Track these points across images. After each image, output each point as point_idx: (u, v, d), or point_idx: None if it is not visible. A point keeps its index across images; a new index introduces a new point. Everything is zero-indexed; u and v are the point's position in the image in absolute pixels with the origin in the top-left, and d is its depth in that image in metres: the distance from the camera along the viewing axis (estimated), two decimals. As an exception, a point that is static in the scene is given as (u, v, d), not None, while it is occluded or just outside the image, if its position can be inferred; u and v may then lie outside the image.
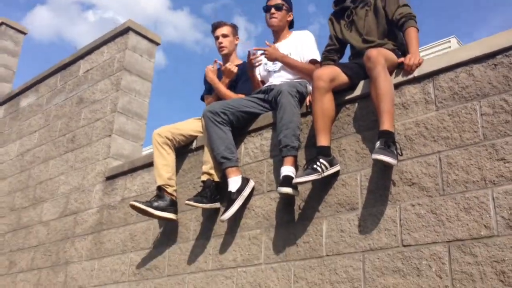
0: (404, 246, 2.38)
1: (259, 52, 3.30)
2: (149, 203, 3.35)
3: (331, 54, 3.15)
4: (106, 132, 4.45)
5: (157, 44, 5.00)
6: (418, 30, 2.80)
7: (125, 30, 4.80)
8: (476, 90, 2.43)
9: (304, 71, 3.22)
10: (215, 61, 3.78)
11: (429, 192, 2.40)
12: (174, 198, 3.44)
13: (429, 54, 12.43)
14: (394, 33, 2.95)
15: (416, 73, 2.66)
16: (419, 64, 2.64)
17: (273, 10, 3.46)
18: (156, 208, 3.34)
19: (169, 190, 3.43)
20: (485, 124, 2.35)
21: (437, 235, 2.29)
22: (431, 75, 2.61)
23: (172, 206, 3.41)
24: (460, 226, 2.24)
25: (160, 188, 3.43)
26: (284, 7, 3.49)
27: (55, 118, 5.15)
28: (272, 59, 3.28)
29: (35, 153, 5.17)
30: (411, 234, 2.38)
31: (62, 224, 4.41)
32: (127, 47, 4.73)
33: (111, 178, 4.20)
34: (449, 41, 14.32)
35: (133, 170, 4.03)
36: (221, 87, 3.61)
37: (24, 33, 7.44)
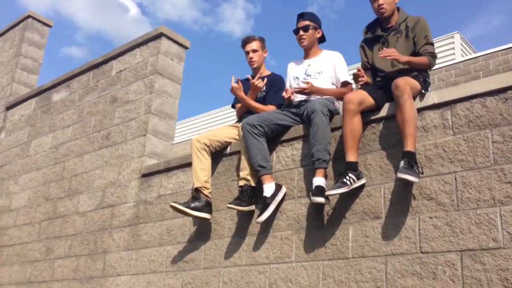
0: (422, 252, 2.78)
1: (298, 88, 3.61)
2: (187, 204, 3.74)
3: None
4: (141, 131, 4.82)
5: (186, 48, 5.34)
6: (430, 64, 3.21)
7: (158, 36, 5.13)
8: (489, 120, 2.81)
9: (337, 96, 3.59)
10: (238, 80, 4.09)
11: (445, 207, 2.79)
12: (209, 199, 3.83)
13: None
14: (418, 60, 3.32)
15: (436, 100, 3.03)
16: (394, 57, 3.09)
17: (301, 32, 3.81)
18: (193, 209, 3.73)
19: (205, 192, 3.82)
20: (496, 151, 2.73)
21: (451, 245, 2.69)
22: (449, 103, 2.98)
23: (208, 206, 3.80)
24: (472, 238, 2.64)
25: (197, 190, 3.82)
26: (311, 27, 3.83)
27: (89, 115, 5.51)
28: (311, 94, 3.62)
29: (69, 146, 5.54)
30: (429, 242, 2.78)
31: (99, 215, 4.81)
32: (160, 51, 5.07)
33: (147, 175, 4.58)
34: (453, 37, 14.56)
35: (168, 169, 4.41)
36: (251, 102, 3.98)
37: (50, 26, 7.74)
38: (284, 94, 3.72)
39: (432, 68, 3.32)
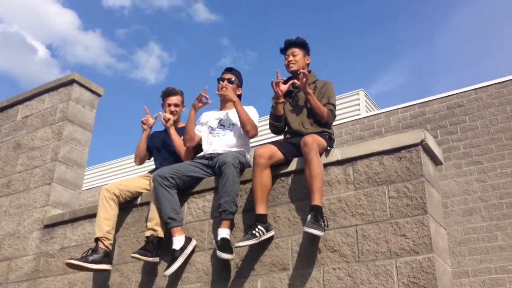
0: (326, 303, 2.88)
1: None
2: (85, 259, 3.56)
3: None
4: (46, 180, 4.60)
5: (99, 95, 5.26)
6: (327, 116, 3.48)
7: (69, 82, 5.02)
8: (386, 177, 3.04)
9: (248, 122, 3.69)
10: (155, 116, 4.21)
11: (347, 259, 2.94)
12: (108, 250, 3.67)
13: (339, 104, 13.48)
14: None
15: (340, 157, 3.24)
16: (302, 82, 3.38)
17: (226, 82, 3.92)
18: (92, 262, 3.55)
19: (106, 243, 3.67)
20: (392, 205, 2.95)
21: (353, 295, 2.82)
22: (351, 160, 3.20)
23: (106, 257, 3.65)
24: (371, 289, 2.79)
25: (97, 240, 3.67)
26: (235, 82, 3.97)
27: (-12, 161, 5.17)
28: (228, 98, 3.77)
29: (-37, 194, 5.13)
30: (332, 293, 2.89)
31: (-6, 269, 4.45)
32: (71, 98, 4.94)
33: (50, 226, 4.34)
34: (358, 94, 15.54)
35: (74, 220, 4.22)
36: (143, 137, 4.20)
37: None
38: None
39: (332, 123, 3.55)
